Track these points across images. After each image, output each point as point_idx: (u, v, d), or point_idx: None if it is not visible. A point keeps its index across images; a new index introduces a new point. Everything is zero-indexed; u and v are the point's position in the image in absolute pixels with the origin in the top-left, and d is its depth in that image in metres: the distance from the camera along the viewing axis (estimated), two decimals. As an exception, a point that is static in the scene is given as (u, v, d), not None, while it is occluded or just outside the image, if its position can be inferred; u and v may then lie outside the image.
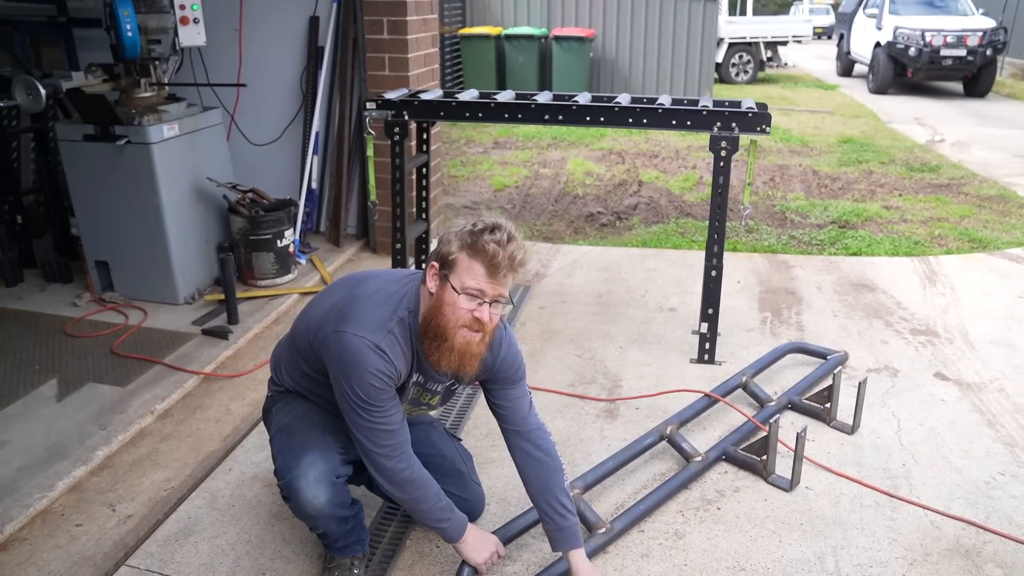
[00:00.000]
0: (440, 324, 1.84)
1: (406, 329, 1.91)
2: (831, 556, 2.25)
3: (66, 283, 4.16)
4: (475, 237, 1.81)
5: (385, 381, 1.87)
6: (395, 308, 1.91)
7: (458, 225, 1.90)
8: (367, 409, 1.88)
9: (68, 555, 2.26)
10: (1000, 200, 6.17)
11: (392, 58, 4.45)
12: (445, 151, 7.87)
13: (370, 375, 1.84)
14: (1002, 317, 3.88)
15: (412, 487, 1.99)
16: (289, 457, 1.98)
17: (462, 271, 1.82)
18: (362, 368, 1.84)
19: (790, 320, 3.84)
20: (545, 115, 3.33)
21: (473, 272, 1.81)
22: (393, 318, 1.90)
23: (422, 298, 1.94)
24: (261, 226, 3.98)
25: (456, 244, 1.83)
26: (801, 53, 19.46)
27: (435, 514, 2.04)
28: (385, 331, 1.87)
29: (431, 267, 1.88)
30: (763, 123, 3.08)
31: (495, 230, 1.82)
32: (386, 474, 1.95)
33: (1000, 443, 2.80)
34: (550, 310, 3.98)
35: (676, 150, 8.10)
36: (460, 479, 2.31)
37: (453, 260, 1.83)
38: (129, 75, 3.75)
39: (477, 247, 1.80)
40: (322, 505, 1.95)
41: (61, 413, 2.94)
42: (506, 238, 1.82)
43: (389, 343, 1.87)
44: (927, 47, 11.91)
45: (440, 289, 1.86)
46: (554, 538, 2.08)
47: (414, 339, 1.93)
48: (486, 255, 1.79)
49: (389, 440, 1.92)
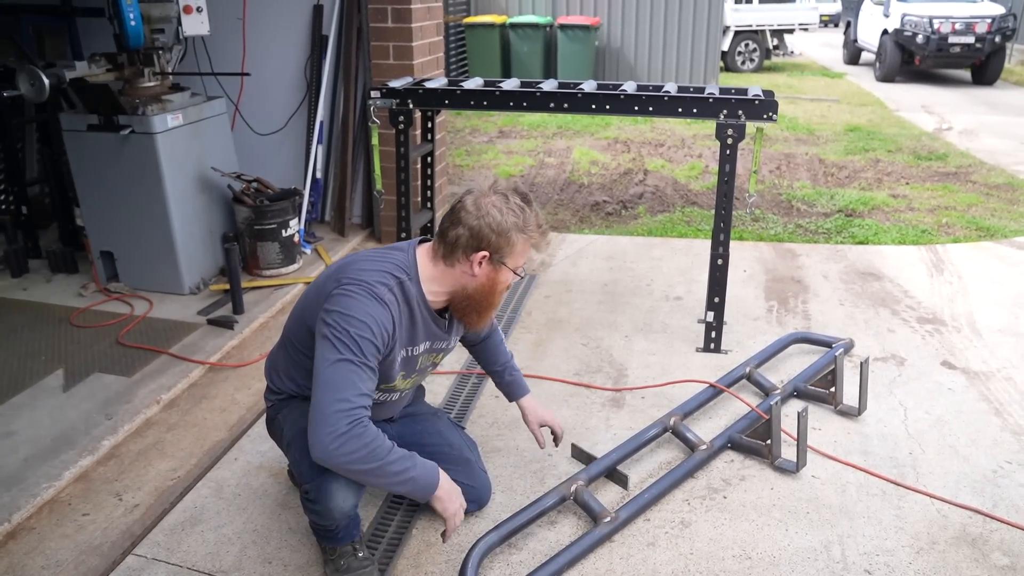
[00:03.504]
0: (492, 301, 2.02)
1: (406, 291, 1.95)
2: (837, 544, 2.24)
3: (71, 273, 4.17)
4: (532, 226, 1.95)
5: (378, 333, 1.83)
6: (391, 269, 1.95)
7: (492, 206, 1.93)
8: (345, 347, 1.79)
9: (75, 544, 2.27)
10: (1008, 188, 6.13)
11: (396, 47, 4.43)
12: (450, 140, 7.85)
13: (370, 319, 1.82)
14: (1010, 305, 3.86)
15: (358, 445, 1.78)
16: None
17: (519, 255, 1.98)
18: (364, 310, 1.83)
19: (796, 309, 3.83)
20: (550, 103, 3.32)
21: (526, 253, 2.00)
22: (393, 278, 1.93)
23: (441, 272, 1.98)
24: (266, 216, 3.98)
25: (516, 233, 1.93)
26: (807, 41, 19.32)
27: (398, 465, 1.83)
28: (387, 287, 1.90)
29: (478, 255, 1.93)
30: (770, 110, 3.05)
31: (531, 205, 1.97)
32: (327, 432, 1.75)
33: (1007, 432, 2.79)
34: (556, 299, 3.97)
35: (682, 139, 8.06)
36: (468, 467, 2.32)
37: (513, 248, 1.95)
38: (133, 65, 3.73)
39: (538, 234, 1.98)
40: (350, 507, 1.97)
41: (67, 403, 2.95)
42: (541, 214, 2.00)
43: (391, 299, 1.90)
44: (935, 34, 11.81)
45: (493, 272, 1.97)
46: (509, 392, 2.45)
47: (418, 304, 1.97)
48: (541, 239, 2.00)
49: (352, 394, 1.79)
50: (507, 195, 1.94)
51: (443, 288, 2.01)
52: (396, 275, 1.94)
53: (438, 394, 3.06)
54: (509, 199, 1.93)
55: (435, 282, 2.00)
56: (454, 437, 2.36)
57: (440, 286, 2.01)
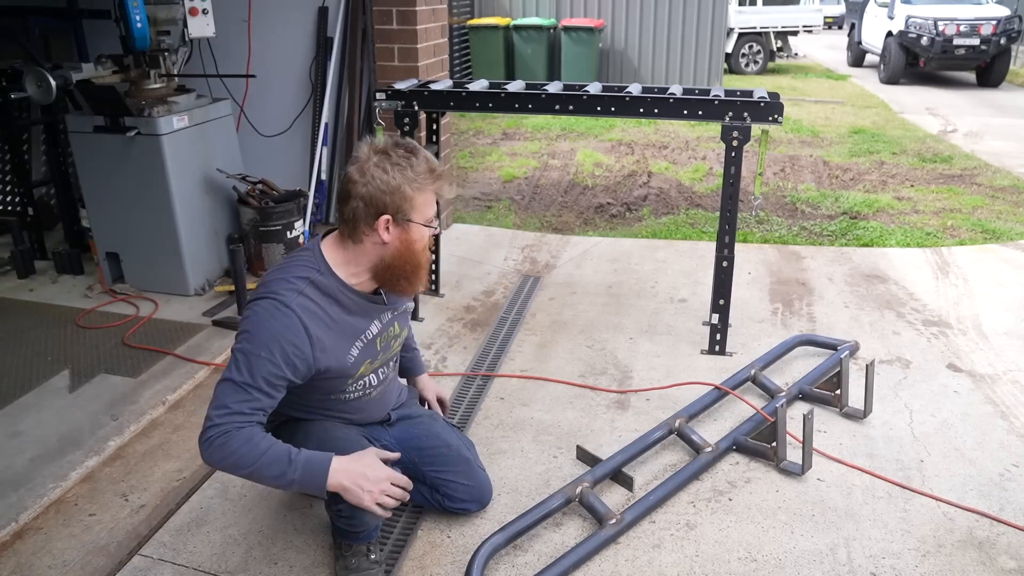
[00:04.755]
0: (416, 261, 1.94)
1: (320, 288, 1.90)
2: (843, 547, 2.24)
3: (77, 275, 4.18)
4: (423, 173, 1.88)
5: (284, 351, 1.80)
6: (297, 272, 1.91)
7: (375, 168, 1.85)
8: (237, 368, 1.79)
9: (82, 544, 2.27)
10: (1014, 191, 6.12)
11: (401, 48, 4.44)
12: (454, 142, 7.85)
13: (271, 339, 1.80)
14: (1016, 308, 3.85)
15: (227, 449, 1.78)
16: None
17: (423, 207, 1.91)
18: (267, 329, 1.81)
19: (801, 311, 3.82)
20: (556, 105, 3.32)
21: (430, 202, 1.93)
22: (301, 280, 1.89)
23: (352, 254, 1.93)
24: (271, 217, 3.98)
25: (409, 187, 1.86)
26: (812, 43, 19.30)
27: (273, 469, 1.80)
28: (296, 292, 1.86)
29: (382, 221, 1.86)
30: (775, 112, 3.05)
31: (417, 152, 1.89)
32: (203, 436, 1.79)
33: (1014, 435, 2.78)
34: (560, 301, 3.98)
35: (686, 141, 8.06)
36: (467, 466, 2.33)
37: (412, 203, 1.88)
38: (139, 66, 3.75)
39: (434, 179, 1.91)
40: (381, 519, 1.97)
41: (73, 404, 2.96)
42: (431, 155, 1.93)
43: (302, 304, 1.85)
44: (940, 36, 11.78)
45: (403, 233, 1.91)
46: (406, 369, 2.50)
47: (341, 293, 1.93)
48: (441, 182, 1.93)
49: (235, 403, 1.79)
50: (388, 152, 1.86)
51: (362, 267, 1.95)
52: (304, 275, 1.90)
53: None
54: (391, 155, 1.86)
55: (351, 264, 1.94)
56: (451, 437, 2.35)
57: (358, 266, 1.95)
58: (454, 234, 5.03)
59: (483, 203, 5.88)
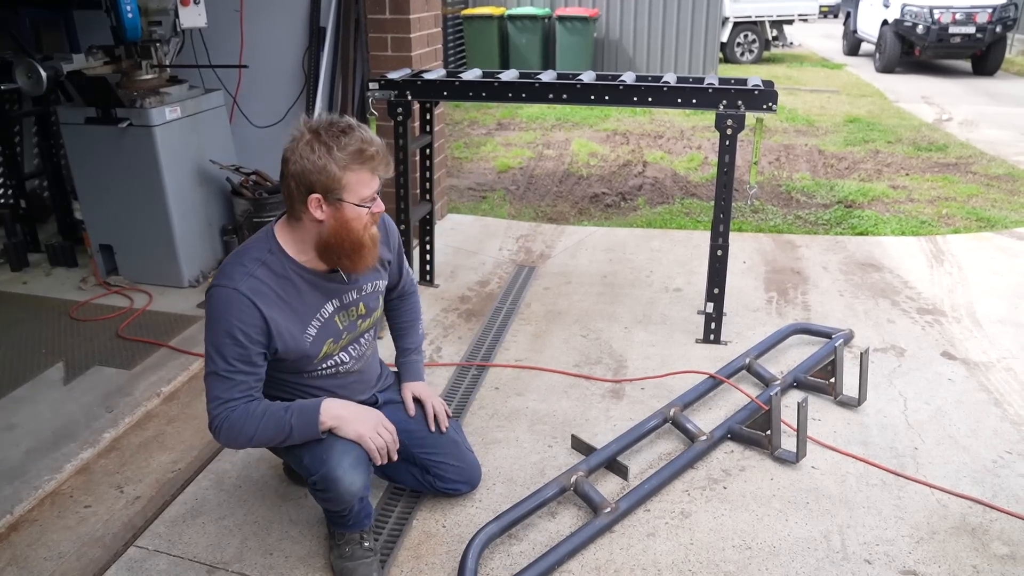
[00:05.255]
0: (353, 239, 1.92)
1: (272, 268, 1.94)
2: (837, 534, 2.25)
3: (71, 267, 4.17)
4: (351, 153, 1.84)
5: (245, 332, 1.87)
6: (250, 255, 1.95)
7: (304, 146, 1.85)
8: (212, 360, 1.89)
9: (77, 536, 2.27)
10: (1009, 179, 6.12)
11: (394, 38, 4.41)
12: (449, 132, 7.83)
13: (228, 324, 1.86)
14: (1010, 296, 3.86)
15: (240, 427, 1.91)
16: (319, 451, 1.96)
17: (356, 187, 1.88)
18: (221, 316, 1.88)
19: (796, 300, 3.83)
20: (549, 94, 3.30)
21: (364, 182, 1.89)
22: (252, 262, 1.93)
23: (297, 232, 1.96)
24: (265, 208, 3.97)
25: (335, 167, 1.84)
26: (807, 32, 19.26)
27: (273, 427, 1.92)
28: (246, 275, 1.91)
29: (312, 200, 1.86)
30: (769, 100, 3.05)
31: (351, 131, 1.85)
32: (212, 423, 1.92)
33: (1007, 422, 2.80)
34: (555, 291, 3.97)
35: (681, 130, 8.04)
36: (455, 448, 2.35)
37: (340, 183, 1.85)
38: (130, 57, 3.73)
39: (361, 160, 1.86)
40: (359, 489, 1.97)
41: (68, 396, 2.95)
42: (369, 135, 1.88)
43: (252, 286, 1.90)
44: (935, 24, 11.76)
45: (336, 212, 1.89)
46: (403, 372, 2.42)
47: (294, 273, 1.96)
48: (372, 163, 1.88)
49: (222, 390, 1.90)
50: (319, 131, 1.84)
51: (307, 245, 1.96)
52: (256, 257, 1.94)
53: (438, 386, 3.06)
54: (321, 134, 1.84)
55: (298, 243, 1.97)
56: None
57: (304, 244, 1.97)
58: (449, 224, 5.02)
59: (478, 193, 5.87)
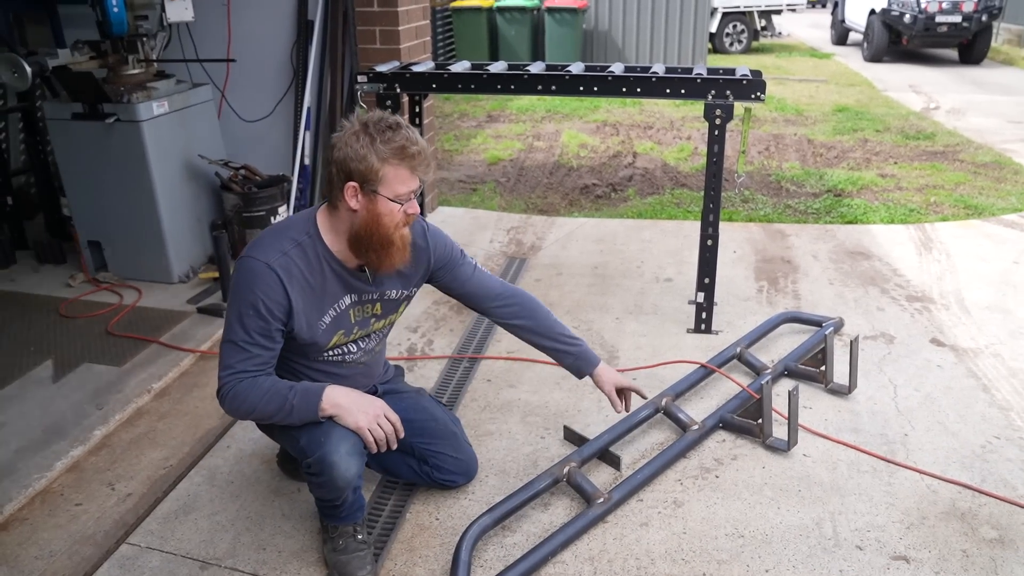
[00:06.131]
0: (383, 234, 1.92)
1: (306, 252, 1.97)
2: (829, 521, 2.27)
3: (59, 264, 4.14)
4: (393, 148, 1.86)
5: (268, 307, 1.90)
6: (290, 234, 1.98)
7: (351, 135, 1.89)
8: (232, 329, 1.91)
9: (69, 534, 2.26)
10: (996, 167, 6.16)
11: (383, 31, 4.39)
12: (439, 125, 7.81)
13: (254, 296, 1.89)
14: (998, 283, 3.88)
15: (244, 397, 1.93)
16: (317, 434, 1.96)
17: (392, 181, 1.89)
18: (249, 287, 1.90)
19: (786, 289, 3.84)
20: (538, 85, 3.30)
21: (402, 179, 1.90)
22: (288, 241, 1.96)
23: (334, 220, 1.98)
24: (254, 203, 3.95)
25: (375, 159, 1.86)
26: (795, 22, 19.29)
27: (275, 403, 1.93)
28: (280, 252, 1.93)
29: (349, 187, 1.89)
30: (758, 90, 3.05)
31: (398, 129, 1.88)
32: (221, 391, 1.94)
33: (995, 408, 2.82)
34: (546, 282, 3.98)
35: (671, 121, 8.05)
36: (454, 439, 2.36)
37: (378, 175, 1.88)
38: (116, 52, 3.69)
39: (401, 156, 1.87)
40: (352, 476, 1.98)
41: (57, 394, 2.94)
42: (415, 136, 1.90)
43: (283, 264, 1.92)
44: (922, 14, 11.80)
45: (370, 204, 1.91)
46: (575, 367, 2.35)
47: (324, 261, 1.99)
48: (413, 161, 1.89)
49: (238, 360, 1.92)
50: (368, 123, 1.89)
51: (341, 235, 1.99)
52: (293, 237, 1.97)
53: (430, 379, 3.06)
54: (369, 126, 1.88)
55: (335, 232, 1.99)
56: (438, 412, 2.40)
57: (337, 234, 1.99)
58: (439, 217, 5.01)
59: (468, 186, 5.86)
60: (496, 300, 2.31)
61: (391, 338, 3.32)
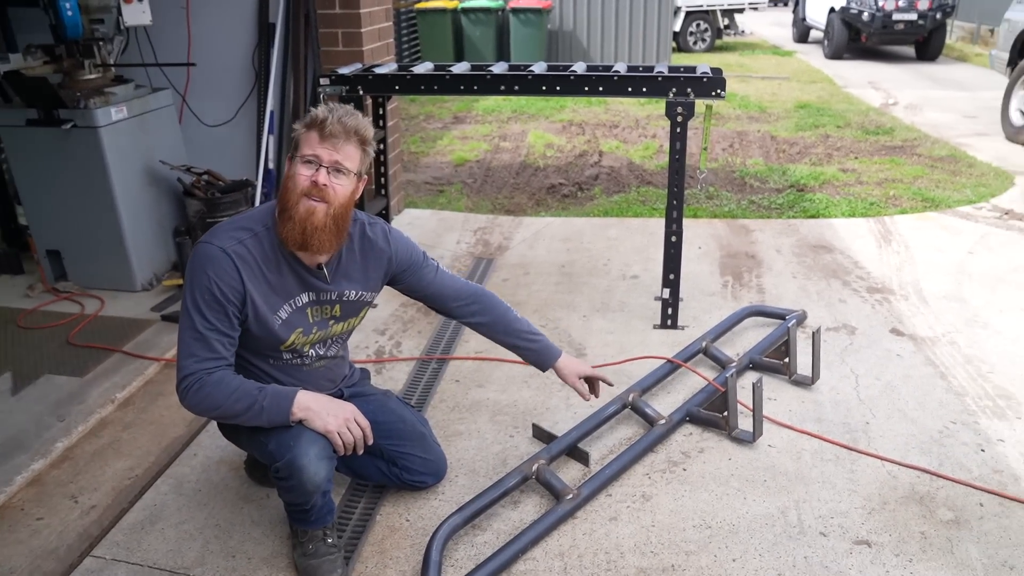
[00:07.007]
0: (286, 199, 1.93)
1: (262, 242, 1.97)
2: (794, 509, 2.31)
3: (16, 274, 4.06)
4: (311, 116, 1.93)
5: (222, 291, 1.90)
6: (247, 224, 1.99)
7: None
8: (189, 316, 1.91)
9: (30, 549, 2.22)
10: (951, 160, 6.30)
11: (345, 33, 4.37)
12: (405, 127, 7.79)
13: (208, 280, 1.89)
14: (954, 272, 3.98)
15: (210, 395, 1.90)
16: (286, 438, 1.95)
17: (302, 144, 1.93)
18: (203, 270, 1.91)
19: (751, 283, 3.90)
20: (501, 86, 3.31)
21: (309, 141, 1.92)
22: (244, 231, 1.97)
23: None
24: (218, 208, 3.90)
25: (299, 127, 1.95)
26: (757, 20, 19.55)
27: (243, 403, 1.91)
28: (235, 240, 1.95)
29: (287, 160, 1.97)
30: (718, 87, 3.09)
31: (329, 108, 1.94)
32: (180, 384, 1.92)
33: (951, 393, 2.89)
34: (514, 282, 3.99)
35: (636, 120, 8.11)
36: (423, 440, 2.37)
37: (296, 141, 1.95)
38: (72, 56, 3.63)
39: (312, 123, 1.92)
40: (321, 480, 1.97)
41: (16, 407, 2.88)
42: (337, 108, 1.94)
43: (238, 251, 1.93)
44: (880, 12, 12.04)
45: (290, 168, 1.96)
46: (537, 362, 2.40)
47: (281, 254, 1.99)
48: (316, 121, 1.91)
49: (197, 350, 1.90)
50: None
51: None
52: (249, 228, 1.98)
53: (398, 381, 3.06)
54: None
55: None
56: (406, 413, 2.39)
57: None
58: (406, 219, 5.00)
59: (435, 187, 5.85)
60: (458, 300, 2.33)
61: (358, 341, 3.31)
